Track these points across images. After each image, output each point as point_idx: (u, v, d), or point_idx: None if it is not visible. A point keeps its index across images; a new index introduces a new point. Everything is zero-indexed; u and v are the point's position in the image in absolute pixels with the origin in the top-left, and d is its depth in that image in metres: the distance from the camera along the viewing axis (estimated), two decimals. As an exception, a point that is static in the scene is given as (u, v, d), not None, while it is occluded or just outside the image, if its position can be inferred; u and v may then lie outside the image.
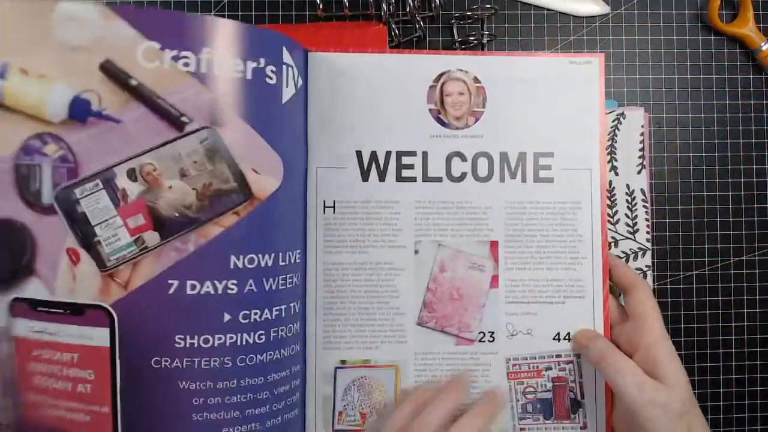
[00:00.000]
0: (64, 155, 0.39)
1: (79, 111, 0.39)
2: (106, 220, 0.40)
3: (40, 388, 0.40)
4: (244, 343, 0.42)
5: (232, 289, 0.42)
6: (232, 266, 0.41)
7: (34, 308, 0.40)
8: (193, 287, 0.41)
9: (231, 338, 0.42)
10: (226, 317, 0.41)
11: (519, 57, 0.50)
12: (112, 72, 0.39)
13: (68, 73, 0.39)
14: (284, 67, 0.45)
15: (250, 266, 0.42)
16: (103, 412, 0.40)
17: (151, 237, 0.40)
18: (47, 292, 0.40)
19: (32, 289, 0.39)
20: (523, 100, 0.49)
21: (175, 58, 0.40)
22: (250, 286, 0.42)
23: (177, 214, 0.41)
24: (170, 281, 0.40)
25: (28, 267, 0.39)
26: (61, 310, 0.40)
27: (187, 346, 0.41)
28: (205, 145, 0.41)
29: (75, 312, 0.40)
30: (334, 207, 0.48)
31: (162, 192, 0.40)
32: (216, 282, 0.41)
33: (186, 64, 0.40)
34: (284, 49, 0.45)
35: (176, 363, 0.40)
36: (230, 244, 0.42)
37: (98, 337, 0.40)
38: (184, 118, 0.40)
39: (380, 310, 0.49)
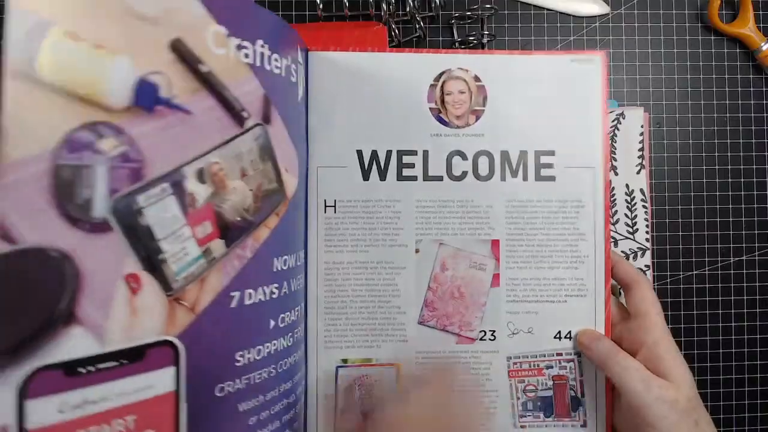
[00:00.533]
0: (125, 152, 0.30)
1: (147, 96, 0.31)
2: (175, 231, 0.32)
3: None
4: (281, 348, 0.41)
5: (275, 293, 0.39)
6: (274, 269, 0.39)
7: (73, 373, 0.29)
8: (250, 296, 0.37)
9: (274, 344, 0.40)
10: (272, 323, 0.40)
11: (520, 56, 0.50)
12: (183, 53, 0.33)
13: (133, 48, 0.31)
14: (298, 65, 0.44)
15: (284, 268, 0.41)
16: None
17: (218, 246, 0.35)
18: (95, 341, 0.29)
19: (72, 343, 0.29)
20: (524, 99, 0.49)
21: (239, 47, 0.36)
22: (285, 288, 0.41)
23: (239, 218, 0.36)
24: (232, 294, 0.36)
25: (66, 314, 0.28)
26: (115, 363, 0.30)
27: (246, 362, 0.37)
28: (259, 143, 0.37)
29: (133, 358, 0.30)
30: (335, 206, 0.48)
31: (227, 194, 0.35)
32: (264, 287, 0.38)
33: (246, 55, 0.36)
34: (298, 47, 0.44)
35: (238, 384, 0.36)
36: (274, 247, 0.39)
37: (161, 383, 0.32)
38: (244, 113, 0.36)
39: (381, 309, 0.49)
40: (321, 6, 0.55)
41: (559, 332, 0.49)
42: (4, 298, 0.27)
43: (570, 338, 0.49)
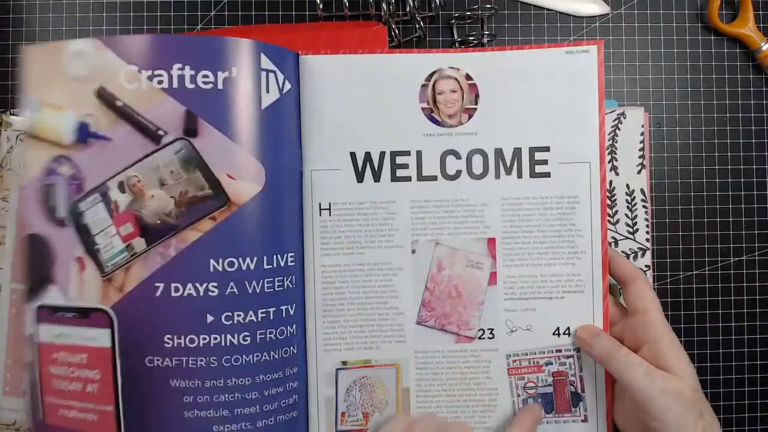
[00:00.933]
0: (73, 173, 0.44)
1: (83, 134, 0.43)
2: (104, 229, 0.44)
3: (58, 390, 0.44)
4: (228, 344, 0.44)
5: (213, 292, 0.43)
6: (211, 269, 0.44)
7: (54, 313, 0.44)
8: (177, 289, 0.43)
9: (215, 339, 0.44)
10: (209, 318, 0.43)
11: (513, 51, 0.49)
12: (104, 97, 0.43)
13: (74, 102, 0.44)
14: (263, 73, 0.45)
15: (230, 269, 0.44)
16: (108, 410, 0.43)
17: (139, 243, 0.43)
18: (63, 297, 0.44)
19: (52, 295, 0.44)
20: (517, 95, 0.49)
21: (150, 78, 0.43)
22: (232, 288, 0.44)
23: (159, 221, 0.43)
24: (156, 284, 0.43)
25: (49, 275, 0.44)
26: (73, 314, 0.44)
27: (175, 345, 0.43)
28: (180, 156, 0.43)
29: (83, 315, 0.43)
30: (329, 209, 0.48)
31: (146, 201, 0.43)
32: (197, 284, 0.43)
33: (160, 82, 0.43)
34: (262, 55, 0.45)
35: (166, 362, 0.43)
36: (209, 248, 0.44)
37: (101, 337, 0.43)
38: (160, 132, 0.43)
39: (379, 311, 0.49)
40: (321, 6, 0.55)
41: (558, 329, 0.49)
42: (29, 260, 0.45)
43: (569, 334, 0.49)
